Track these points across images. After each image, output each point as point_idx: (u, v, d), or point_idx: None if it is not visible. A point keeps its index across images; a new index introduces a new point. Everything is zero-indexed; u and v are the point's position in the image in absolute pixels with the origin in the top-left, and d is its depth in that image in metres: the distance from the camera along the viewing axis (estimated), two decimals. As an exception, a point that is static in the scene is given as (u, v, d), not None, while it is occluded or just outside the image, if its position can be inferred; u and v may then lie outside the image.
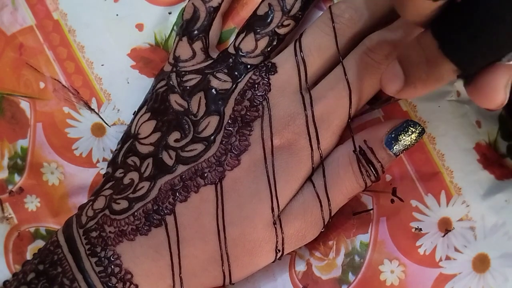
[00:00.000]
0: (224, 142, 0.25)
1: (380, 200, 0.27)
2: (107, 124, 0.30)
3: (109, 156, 0.30)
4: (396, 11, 0.27)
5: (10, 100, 0.31)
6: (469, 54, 0.19)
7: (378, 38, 0.26)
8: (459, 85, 0.27)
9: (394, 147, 0.25)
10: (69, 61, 0.30)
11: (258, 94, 0.26)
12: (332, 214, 0.26)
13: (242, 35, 0.27)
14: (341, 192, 0.26)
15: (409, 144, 0.25)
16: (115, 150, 0.28)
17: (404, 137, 0.25)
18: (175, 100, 0.27)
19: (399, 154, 0.25)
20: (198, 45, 0.28)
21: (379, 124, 0.26)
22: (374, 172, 0.25)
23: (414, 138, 0.25)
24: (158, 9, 0.30)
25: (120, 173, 0.27)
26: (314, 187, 0.26)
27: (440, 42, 0.19)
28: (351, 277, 0.27)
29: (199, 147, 0.26)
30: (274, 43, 0.27)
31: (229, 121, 0.26)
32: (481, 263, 0.26)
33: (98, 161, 0.30)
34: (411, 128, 0.25)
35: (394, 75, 0.22)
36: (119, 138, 0.28)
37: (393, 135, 0.25)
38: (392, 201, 0.27)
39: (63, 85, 0.30)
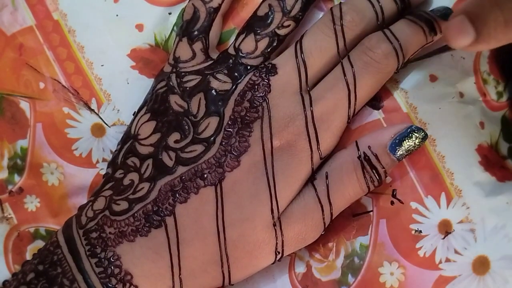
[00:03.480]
0: (224, 143, 0.25)
1: (380, 201, 0.27)
2: (107, 125, 0.30)
3: (109, 157, 0.30)
4: (397, 12, 0.27)
5: (10, 100, 0.31)
6: None
7: (378, 38, 0.26)
8: (461, 86, 0.27)
9: (398, 152, 0.25)
10: (69, 61, 0.30)
11: (258, 95, 0.26)
12: (333, 218, 0.26)
13: (242, 36, 0.27)
14: (343, 197, 0.26)
15: (412, 149, 0.26)
16: (115, 150, 0.28)
17: (408, 143, 0.25)
18: (175, 101, 0.27)
19: (402, 158, 0.25)
20: (198, 46, 0.28)
21: (383, 129, 0.26)
22: (377, 178, 0.25)
23: (418, 143, 0.26)
24: (158, 9, 0.30)
25: (120, 174, 0.27)
26: (316, 191, 0.26)
27: None
28: (350, 279, 0.27)
29: (199, 148, 0.26)
30: (274, 44, 0.27)
31: (229, 122, 0.26)
32: (481, 265, 0.26)
33: (98, 162, 0.30)
34: (415, 134, 0.26)
35: (463, 31, 0.20)
36: (119, 139, 0.28)
37: (397, 141, 0.25)
38: (392, 203, 0.27)
39: (63, 85, 0.30)
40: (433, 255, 0.27)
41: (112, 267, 0.25)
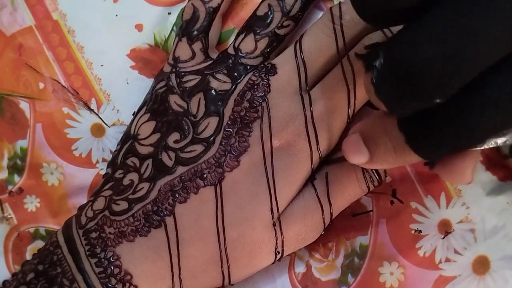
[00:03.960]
0: (223, 143, 0.25)
1: (380, 201, 0.27)
2: (107, 125, 0.30)
3: (109, 157, 0.30)
4: None
5: (10, 101, 0.31)
6: (440, 151, 0.18)
7: (378, 37, 0.26)
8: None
9: None
10: (69, 61, 0.30)
11: (258, 95, 0.26)
12: (333, 218, 0.26)
13: (242, 36, 0.27)
14: (343, 197, 0.26)
15: None
16: (115, 150, 0.28)
17: None
18: (175, 101, 0.27)
19: None
20: (197, 46, 0.28)
21: None
22: (377, 177, 0.25)
23: None
24: (158, 9, 0.30)
25: (119, 174, 0.27)
26: (316, 191, 0.26)
27: (409, 138, 0.19)
28: (350, 278, 0.27)
29: (199, 148, 0.26)
30: (274, 44, 0.27)
31: (229, 122, 0.26)
32: (481, 265, 0.26)
33: (97, 162, 0.30)
34: None
35: (358, 151, 0.21)
36: (119, 139, 0.28)
37: None
38: (392, 202, 0.27)
39: (62, 85, 0.30)
40: (433, 255, 0.27)
41: (112, 267, 0.25)
